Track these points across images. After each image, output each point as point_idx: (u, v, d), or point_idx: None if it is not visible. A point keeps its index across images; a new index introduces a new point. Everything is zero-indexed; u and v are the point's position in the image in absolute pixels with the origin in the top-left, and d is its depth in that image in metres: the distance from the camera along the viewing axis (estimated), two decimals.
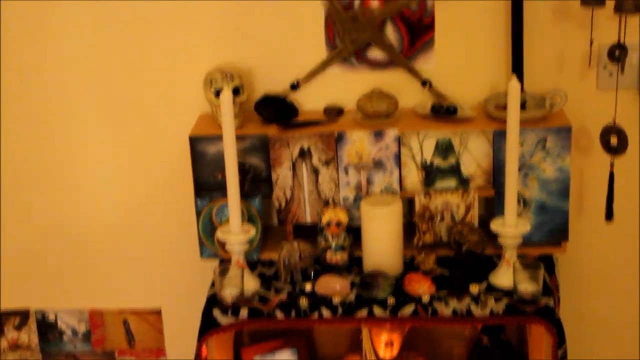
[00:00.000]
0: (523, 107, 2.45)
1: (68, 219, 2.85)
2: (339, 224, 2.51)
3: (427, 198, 2.54)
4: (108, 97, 2.71)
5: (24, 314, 2.96)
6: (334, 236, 2.52)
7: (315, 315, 2.38)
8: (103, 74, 2.69)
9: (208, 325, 2.40)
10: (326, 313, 2.38)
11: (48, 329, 2.97)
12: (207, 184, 2.57)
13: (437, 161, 2.53)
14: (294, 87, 2.63)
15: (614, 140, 2.46)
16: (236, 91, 2.53)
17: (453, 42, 2.57)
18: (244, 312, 2.39)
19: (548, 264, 2.52)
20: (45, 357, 3.00)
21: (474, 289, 2.39)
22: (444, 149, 2.52)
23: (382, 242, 2.48)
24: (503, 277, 2.42)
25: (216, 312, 2.40)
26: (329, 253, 2.53)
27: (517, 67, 2.52)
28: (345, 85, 2.63)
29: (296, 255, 2.49)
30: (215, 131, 2.51)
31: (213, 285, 2.48)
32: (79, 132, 2.75)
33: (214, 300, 2.43)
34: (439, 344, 2.72)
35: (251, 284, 2.47)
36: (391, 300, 2.37)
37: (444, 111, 2.53)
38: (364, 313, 2.37)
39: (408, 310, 2.36)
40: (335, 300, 2.39)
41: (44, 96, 2.72)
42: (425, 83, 2.60)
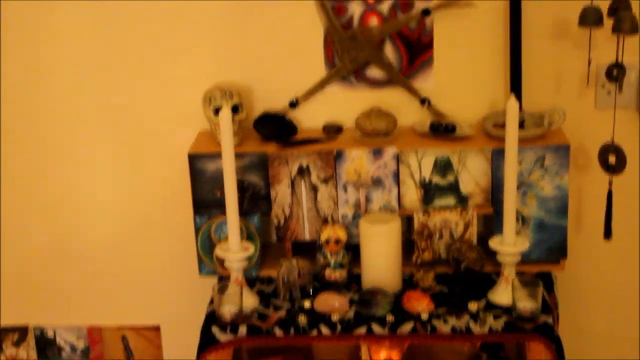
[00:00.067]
0: (521, 126, 2.46)
1: (67, 235, 2.85)
2: (337, 242, 2.52)
3: (426, 216, 2.55)
4: (107, 115, 2.72)
5: (22, 330, 2.96)
6: (332, 253, 2.52)
7: (314, 332, 2.38)
8: (102, 91, 2.69)
9: (207, 342, 2.40)
10: (325, 330, 2.38)
11: (47, 345, 2.96)
12: (206, 201, 2.57)
13: (436, 179, 2.54)
14: (293, 105, 2.64)
15: (612, 159, 2.46)
16: (235, 109, 2.54)
17: (452, 61, 2.58)
18: (242, 329, 2.39)
19: (547, 281, 2.52)
20: None
21: (473, 306, 2.39)
22: (443, 167, 2.53)
23: (381, 260, 2.48)
24: (502, 295, 2.42)
25: (215, 329, 2.40)
26: (328, 270, 2.53)
27: (516, 86, 2.53)
28: (344, 104, 2.63)
29: (295, 272, 2.50)
30: (215, 149, 2.52)
31: (212, 302, 2.48)
32: (78, 150, 2.76)
33: (212, 317, 2.43)
34: None
35: (250, 301, 2.47)
36: (390, 317, 2.37)
37: (442, 129, 2.54)
38: (362, 330, 2.36)
39: (407, 327, 2.36)
40: (334, 318, 2.39)
41: (43, 115, 2.73)
42: (424, 101, 2.61)
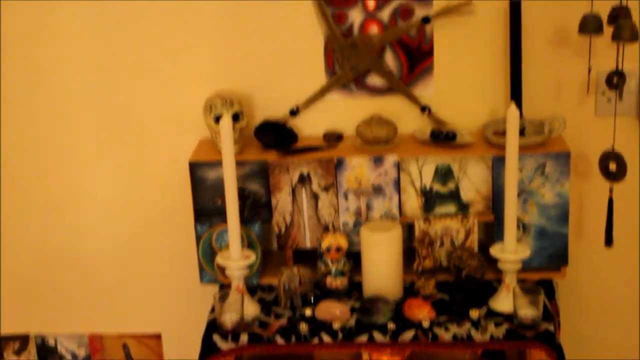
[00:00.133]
0: (522, 133, 2.47)
1: (68, 243, 2.85)
2: (338, 249, 2.52)
3: (427, 223, 2.55)
4: (108, 124, 2.72)
5: (23, 338, 2.96)
6: (333, 261, 2.52)
7: (316, 340, 2.38)
8: (103, 100, 2.70)
9: (208, 351, 2.40)
10: (326, 338, 2.37)
11: (48, 353, 2.96)
12: (207, 210, 2.58)
13: (437, 187, 2.54)
14: (294, 113, 2.64)
15: (612, 166, 2.46)
16: (236, 117, 2.54)
17: (452, 69, 2.59)
18: (244, 338, 2.39)
19: (548, 288, 2.52)
20: None
21: (474, 314, 2.39)
22: (444, 174, 2.53)
23: (382, 268, 2.48)
24: (503, 302, 2.42)
25: (216, 337, 2.40)
26: (329, 278, 2.53)
27: (516, 94, 2.54)
28: (345, 111, 2.64)
29: (296, 280, 2.50)
30: (215, 157, 2.52)
31: (213, 311, 2.48)
32: (79, 159, 2.76)
33: (214, 326, 2.43)
34: None
35: (251, 309, 2.47)
36: (391, 325, 2.37)
37: (443, 137, 2.54)
38: (364, 338, 2.36)
39: (408, 335, 2.36)
40: (335, 326, 2.39)
41: (43, 115, 2.73)
42: (424, 109, 2.61)
